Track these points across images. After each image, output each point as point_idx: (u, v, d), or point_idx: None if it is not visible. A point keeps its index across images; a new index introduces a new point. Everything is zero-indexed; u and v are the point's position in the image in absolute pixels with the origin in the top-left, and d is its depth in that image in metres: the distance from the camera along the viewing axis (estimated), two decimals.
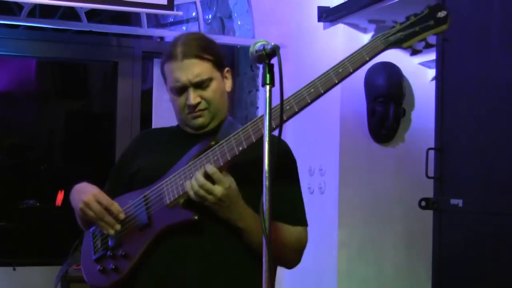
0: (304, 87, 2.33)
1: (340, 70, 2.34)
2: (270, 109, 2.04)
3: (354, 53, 2.36)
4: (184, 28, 6.20)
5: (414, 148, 4.80)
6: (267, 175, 1.99)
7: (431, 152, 3.64)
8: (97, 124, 7.13)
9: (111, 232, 2.53)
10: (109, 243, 2.55)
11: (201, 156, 2.42)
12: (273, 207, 2.35)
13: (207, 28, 5.82)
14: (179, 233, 2.43)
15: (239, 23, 5.79)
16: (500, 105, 3.28)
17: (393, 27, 2.39)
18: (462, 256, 3.46)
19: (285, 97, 2.14)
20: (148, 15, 5.57)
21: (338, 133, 4.74)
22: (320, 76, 2.33)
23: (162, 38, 6.08)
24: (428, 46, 2.42)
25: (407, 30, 2.37)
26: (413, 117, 4.97)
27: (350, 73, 2.35)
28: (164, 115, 5.58)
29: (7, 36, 5.43)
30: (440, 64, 3.63)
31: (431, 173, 3.64)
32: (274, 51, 2.06)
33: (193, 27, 6.03)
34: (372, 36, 4.74)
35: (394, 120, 4.78)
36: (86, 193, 2.55)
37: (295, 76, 5.08)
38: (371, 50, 2.35)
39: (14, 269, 5.48)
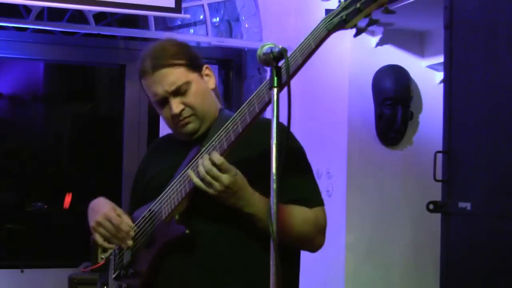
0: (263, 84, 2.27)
1: (292, 62, 2.20)
2: (278, 111, 2.03)
3: (303, 41, 2.23)
4: (191, 31, 6.21)
5: (422, 151, 4.79)
6: (274, 178, 1.98)
7: (439, 155, 3.63)
8: (104, 127, 7.13)
9: (125, 247, 2.53)
10: (124, 260, 2.58)
11: (188, 167, 2.39)
12: (287, 192, 2.37)
13: (214, 31, 5.82)
14: (180, 248, 2.42)
15: (246, 26, 5.79)
16: (509, 108, 3.27)
17: (339, 4, 2.19)
18: (470, 259, 3.44)
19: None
20: (155, 18, 5.57)
21: (345, 136, 4.73)
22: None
23: None
24: (371, 22, 2.19)
25: (349, 8, 2.16)
26: (421, 120, 4.96)
27: (300, 65, 2.21)
28: None
29: (15, 38, 5.45)
30: (448, 67, 3.61)
31: (439, 176, 3.63)
32: (282, 54, 2.04)
33: (200, 30, 6.03)
34: (380, 39, 4.76)
35: (402, 123, 4.77)
36: (98, 212, 2.54)
37: (302, 79, 5.08)
38: (316, 37, 2.22)
39: (22, 271, 5.50)
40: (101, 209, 2.56)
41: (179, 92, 2.47)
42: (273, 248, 1.95)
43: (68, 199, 6.63)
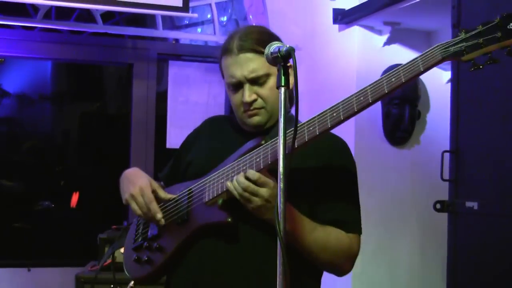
0: (353, 95, 2.22)
1: (393, 80, 2.22)
2: (286, 110, 2.03)
3: (410, 61, 2.23)
4: (199, 30, 6.21)
5: (429, 151, 4.79)
6: (281, 177, 1.97)
7: (446, 155, 3.63)
8: (112, 126, 7.13)
9: (161, 222, 2.48)
10: (149, 233, 2.54)
11: (245, 156, 2.36)
12: (328, 211, 2.42)
13: (222, 30, 5.82)
14: (215, 233, 2.38)
15: (254, 25, 5.79)
16: None
17: (458, 35, 2.15)
18: (477, 258, 3.44)
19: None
20: (163, 17, 5.58)
21: (353, 135, 4.73)
22: (371, 84, 2.21)
23: (177, 40, 6.08)
24: (491, 61, 2.14)
25: (470, 41, 2.12)
26: (428, 119, 4.96)
27: (403, 84, 2.22)
28: (179, 116, 5.59)
29: (23, 38, 5.46)
30: (456, 66, 3.61)
31: (446, 175, 3.63)
32: (289, 53, 2.03)
33: (208, 29, 6.04)
34: (388, 39, 4.75)
35: (409, 122, 4.77)
36: (134, 185, 2.51)
37: (310, 78, 5.08)
38: (427, 60, 2.21)
39: (29, 270, 5.50)
40: (138, 181, 2.52)
41: (256, 81, 2.42)
42: (280, 248, 1.93)
43: (75, 198, 6.63)
